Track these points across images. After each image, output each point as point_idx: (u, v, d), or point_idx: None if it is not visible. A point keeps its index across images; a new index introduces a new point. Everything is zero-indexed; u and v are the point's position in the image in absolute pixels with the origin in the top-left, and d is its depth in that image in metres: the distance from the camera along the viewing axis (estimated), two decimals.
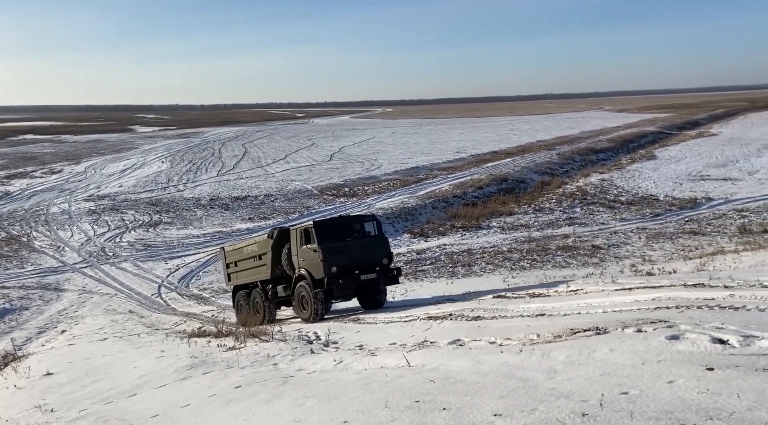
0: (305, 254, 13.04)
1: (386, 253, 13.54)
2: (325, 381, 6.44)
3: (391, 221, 26.72)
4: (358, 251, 13.07)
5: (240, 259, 15.35)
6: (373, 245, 13.41)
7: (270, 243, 14.02)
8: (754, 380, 3.95)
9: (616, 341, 5.81)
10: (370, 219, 14.01)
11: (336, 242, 12.92)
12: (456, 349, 7.25)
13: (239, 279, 15.53)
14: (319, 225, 13.25)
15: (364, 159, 49.19)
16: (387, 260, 13.40)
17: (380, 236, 13.73)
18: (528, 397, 4.42)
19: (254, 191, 36.37)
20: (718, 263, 11.53)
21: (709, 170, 35.21)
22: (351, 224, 13.85)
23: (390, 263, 13.52)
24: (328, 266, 12.57)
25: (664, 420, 3.45)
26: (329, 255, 12.61)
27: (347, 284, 12.71)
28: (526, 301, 10.33)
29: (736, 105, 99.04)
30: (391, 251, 13.99)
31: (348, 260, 12.80)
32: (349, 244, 13.06)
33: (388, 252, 13.65)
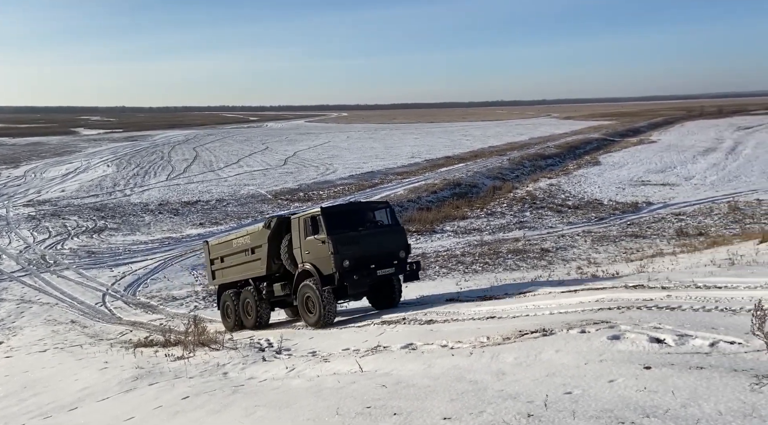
0: (311, 247, 11.43)
1: (404, 245, 11.99)
2: (276, 389, 6.36)
3: None
4: (373, 242, 11.50)
5: (228, 254, 13.78)
6: (390, 235, 11.87)
7: (266, 234, 12.37)
8: (688, 378, 4.15)
9: (562, 342, 5.99)
10: (383, 207, 12.44)
11: (348, 232, 11.28)
12: (408, 353, 7.31)
13: (226, 277, 13.97)
14: (328, 212, 11.52)
15: (319, 163, 48.94)
16: (404, 253, 11.86)
17: (396, 226, 12.21)
18: (477, 399, 4.50)
19: (206, 195, 35.58)
20: (657, 264, 12.06)
21: (649, 175, 36.80)
22: (363, 211, 12.30)
23: (407, 256, 11.98)
24: (339, 260, 10.94)
25: (604, 418, 3.59)
26: (341, 247, 10.99)
27: (362, 280, 11.14)
28: (477, 304, 10.52)
29: (674, 114, 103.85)
30: (409, 242, 12.48)
31: (362, 253, 11.19)
32: (363, 234, 11.45)
33: (406, 244, 12.12)
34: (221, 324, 13.86)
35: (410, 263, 11.99)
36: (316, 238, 11.26)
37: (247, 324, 13.05)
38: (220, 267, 14.13)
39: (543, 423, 3.69)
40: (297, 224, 11.85)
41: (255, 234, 12.86)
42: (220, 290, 14.26)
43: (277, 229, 12.31)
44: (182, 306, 17.35)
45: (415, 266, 12.01)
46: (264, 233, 12.48)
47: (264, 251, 12.42)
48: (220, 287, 14.34)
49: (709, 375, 4.09)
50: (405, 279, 12.05)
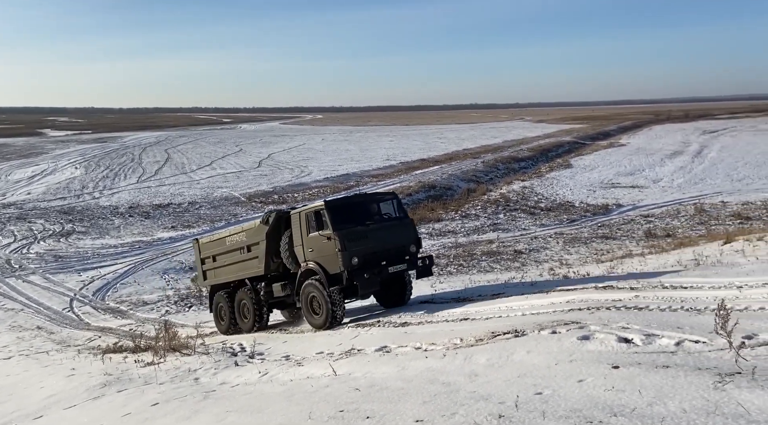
0: (315, 243, 10.71)
1: (414, 238, 11.28)
2: (248, 394, 6.30)
3: None
4: (382, 237, 10.77)
5: (221, 252, 12.95)
6: (399, 229, 11.15)
7: (264, 230, 11.58)
8: (654, 376, 4.24)
9: (533, 343, 6.06)
10: (390, 198, 11.63)
11: (355, 227, 10.58)
12: (382, 356, 7.31)
13: (219, 277, 13.14)
14: (333, 206, 10.75)
15: (293, 166, 48.64)
16: (415, 247, 11.20)
17: (405, 218, 11.48)
18: (449, 401, 4.52)
19: (177, 198, 35.03)
20: (626, 265, 12.31)
21: (619, 178, 37.56)
22: (370, 203, 11.46)
23: (418, 250, 11.32)
24: (348, 258, 10.25)
25: (573, 418, 3.64)
26: (349, 243, 10.30)
27: (373, 278, 10.42)
28: (451, 305, 10.58)
29: (643, 118, 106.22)
30: (419, 236, 11.74)
31: (372, 249, 10.54)
32: (372, 229, 10.73)
33: (417, 238, 11.40)
34: (189, 328, 13.56)
35: (422, 257, 11.30)
36: (321, 234, 10.51)
37: (244, 327, 12.35)
38: (212, 267, 13.33)
39: (513, 423, 3.73)
40: (298, 219, 11.08)
41: (251, 231, 12.09)
42: (213, 291, 13.50)
43: (275, 225, 11.53)
44: (153, 311, 17.03)
45: (427, 261, 11.31)
46: (261, 230, 11.69)
47: (262, 249, 11.65)
48: (212, 288, 13.59)
49: (675, 373, 4.18)
50: (418, 275, 11.36)
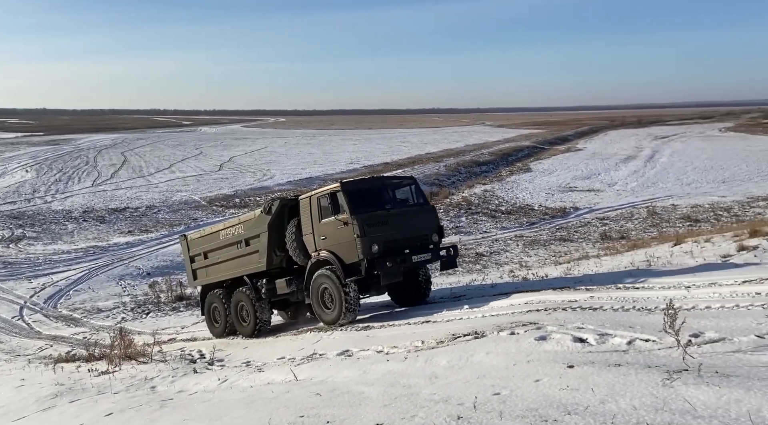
0: (329, 230, 9.78)
1: (436, 227, 10.42)
2: (207, 401, 6.18)
3: None
4: (403, 223, 9.92)
5: (214, 248, 11.93)
6: (421, 215, 10.30)
7: (266, 221, 10.59)
8: (607, 375, 4.37)
9: (492, 344, 6.16)
10: (409, 182, 10.70)
11: (375, 211, 9.74)
12: (344, 360, 7.30)
13: (212, 276, 12.13)
14: (350, 188, 9.80)
15: (256, 169, 48.05)
16: (437, 236, 10.35)
17: (426, 205, 10.65)
18: (410, 404, 4.55)
19: (135, 202, 34.11)
20: (582, 267, 12.65)
21: (576, 181, 38.56)
22: (389, 187, 10.47)
23: (440, 239, 10.46)
24: (367, 244, 9.33)
25: (529, 417, 3.72)
26: (368, 228, 9.39)
27: (396, 268, 9.52)
28: (414, 308, 10.64)
29: (599, 123, 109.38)
30: (442, 224, 10.84)
31: (393, 236, 9.65)
32: (392, 214, 9.90)
33: (439, 226, 10.55)
34: (146, 335, 13.11)
35: (445, 247, 10.35)
36: (338, 219, 9.56)
37: (244, 330, 11.40)
38: (203, 265, 12.29)
39: (472, 424, 3.78)
40: (308, 204, 10.16)
41: (250, 222, 11.10)
42: (205, 291, 12.49)
43: (279, 214, 10.54)
44: (108, 318, 16.51)
45: (452, 251, 10.36)
46: (263, 220, 10.70)
47: (263, 242, 10.65)
48: (204, 289, 12.57)
49: (626, 371, 4.32)
50: (442, 266, 10.58)
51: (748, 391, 3.51)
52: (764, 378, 3.78)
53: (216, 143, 76.55)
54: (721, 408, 3.35)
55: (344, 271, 9.52)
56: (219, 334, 11.99)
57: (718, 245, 11.61)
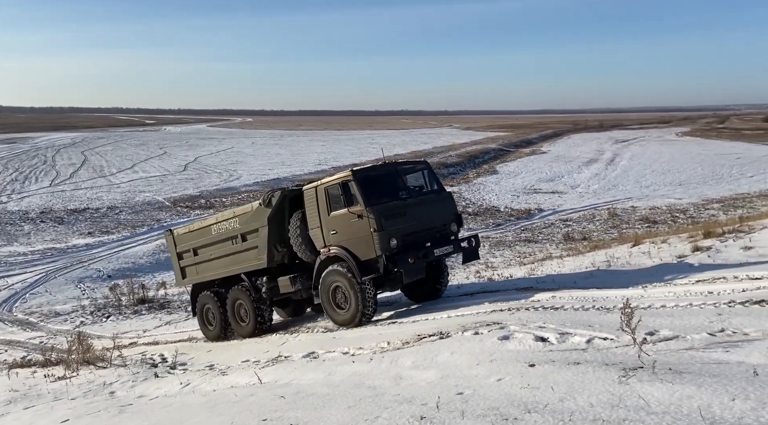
0: (340, 224, 8.97)
1: (455, 215, 9.64)
2: (168, 406, 6.06)
3: None
4: (421, 213, 9.11)
5: (205, 244, 11.08)
6: (438, 204, 9.48)
7: (266, 214, 9.77)
8: (566, 373, 4.46)
9: (457, 344, 6.22)
10: (422, 167, 9.83)
11: (391, 202, 8.91)
12: (310, 362, 7.26)
13: (204, 274, 11.30)
14: (363, 176, 8.95)
15: (222, 170, 47.38)
16: (456, 225, 9.58)
17: (442, 191, 9.79)
18: (374, 405, 4.56)
19: (95, 202, 33.20)
20: (545, 267, 12.90)
21: (541, 184, 39.32)
22: (402, 174, 9.53)
23: (459, 229, 9.69)
24: (385, 239, 8.55)
25: (491, 416, 3.77)
26: (386, 222, 8.61)
27: (419, 263, 8.80)
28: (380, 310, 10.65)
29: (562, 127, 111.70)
30: (460, 212, 9.85)
31: (411, 228, 8.90)
32: (409, 204, 9.06)
33: (458, 214, 9.76)
34: (106, 339, 12.65)
35: (466, 238, 9.65)
36: (351, 211, 8.75)
37: (242, 331, 10.63)
38: (192, 262, 11.47)
39: (434, 424, 3.81)
40: (314, 196, 9.31)
41: (247, 215, 10.23)
42: (196, 291, 11.68)
43: (280, 206, 9.73)
44: (66, 322, 16.04)
45: (473, 241, 9.62)
46: (262, 213, 9.87)
47: (262, 237, 9.85)
48: (194, 288, 11.75)
49: (585, 369, 4.42)
50: (465, 258, 9.72)
51: (699, 387, 3.64)
52: (715, 374, 3.92)
53: (181, 143, 75.14)
54: (673, 404, 3.47)
55: (360, 268, 8.73)
56: (215, 337, 11.17)
57: (674, 246, 12.00)
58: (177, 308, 16.76)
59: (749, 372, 3.84)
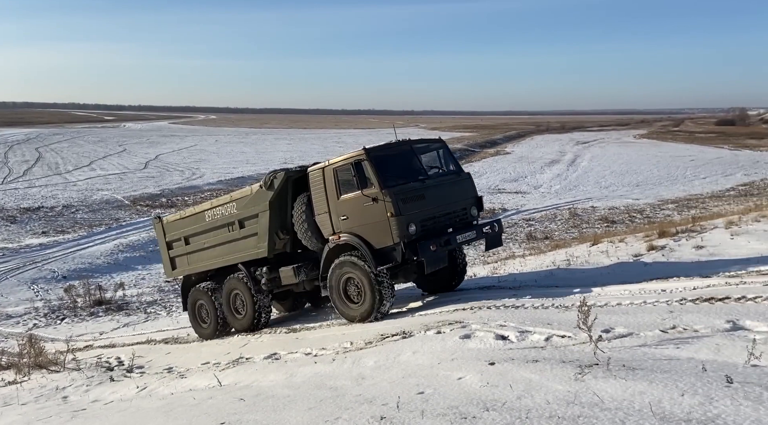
0: (352, 208, 8.22)
1: (475, 199, 8.86)
2: (123, 410, 5.89)
3: None
4: (441, 196, 8.37)
5: (198, 232, 10.33)
6: (458, 186, 8.71)
7: (267, 197, 9.02)
8: (525, 371, 4.53)
9: (419, 343, 6.25)
10: (438, 146, 9.02)
11: (408, 183, 8.15)
12: (271, 363, 7.18)
13: (197, 264, 10.54)
14: (378, 155, 8.19)
15: (184, 168, 46.45)
16: (476, 209, 8.83)
17: (461, 172, 9.03)
18: (335, 406, 4.53)
19: (50, 201, 32.07)
20: (508, 266, 13.09)
21: (505, 184, 39.92)
22: (418, 153, 8.68)
23: (479, 214, 8.94)
24: (404, 225, 7.81)
25: (450, 415, 3.79)
26: (404, 205, 7.87)
27: (441, 251, 8.05)
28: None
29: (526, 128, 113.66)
30: (480, 195, 9.11)
31: (432, 213, 8.18)
32: (428, 185, 8.28)
33: (479, 197, 8.95)
34: (60, 342, 12.18)
35: (488, 223, 8.92)
36: (365, 194, 7.97)
37: (238, 325, 9.95)
38: (184, 252, 10.69)
39: (394, 424, 3.81)
40: (321, 178, 8.53)
41: (246, 200, 9.45)
42: (187, 284, 10.95)
43: (282, 189, 8.96)
44: (19, 325, 15.47)
45: (496, 226, 8.90)
46: (262, 197, 9.08)
47: (263, 223, 9.09)
48: (185, 281, 11.07)
49: (542, 367, 4.49)
50: (488, 245, 8.95)
51: (651, 383, 3.73)
52: (666, 370, 4.04)
53: (141, 140, 73.35)
54: (626, 400, 3.55)
55: (375, 258, 7.96)
56: (209, 335, 10.45)
57: (631, 245, 12.34)
58: (136, 310, 16.35)
59: (698, 367, 3.97)
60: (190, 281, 11.02)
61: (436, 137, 9.38)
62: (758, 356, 4.03)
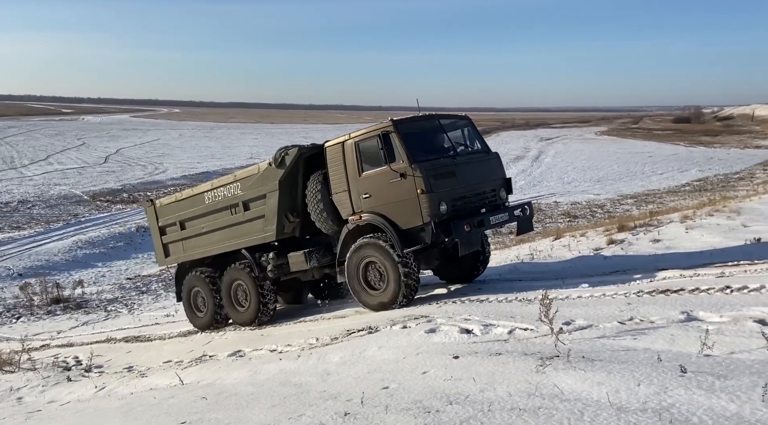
0: (375, 185, 7.63)
1: (504, 180, 8.35)
2: (80, 411, 5.73)
3: None
4: (471, 174, 7.86)
5: (196, 215, 9.65)
6: (487, 165, 8.21)
7: (278, 176, 8.34)
8: (488, 364, 4.58)
9: (385, 338, 6.25)
10: (465, 123, 8.43)
11: (439, 159, 7.63)
12: (235, 361, 7.09)
13: (194, 250, 9.83)
14: (407, 127, 7.65)
15: (147, 162, 45.37)
16: (505, 191, 8.31)
17: (489, 151, 8.48)
18: (299, 403, 4.50)
19: (4, 196, 30.92)
20: None
21: None
22: (445, 128, 8.06)
23: (508, 196, 8.40)
24: (435, 202, 7.25)
25: (413, 409, 3.81)
26: (435, 182, 7.32)
27: (475, 233, 7.52)
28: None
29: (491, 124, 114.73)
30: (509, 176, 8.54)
31: (462, 192, 7.64)
32: (458, 162, 7.74)
33: (507, 179, 8.43)
34: (15, 342, 11.79)
35: (519, 206, 8.31)
36: (393, 169, 7.37)
37: (240, 318, 9.29)
38: (179, 237, 9.99)
39: (358, 420, 3.80)
40: (340, 153, 7.91)
41: (252, 180, 8.74)
42: (182, 272, 10.28)
43: (294, 168, 8.26)
44: None
45: (527, 209, 8.31)
46: (272, 176, 8.40)
47: (272, 205, 8.41)
48: (180, 269, 10.38)
49: (505, 360, 4.56)
50: (520, 230, 8.43)
51: (609, 374, 3.82)
52: (623, 361, 4.14)
53: (101, 134, 71.26)
54: (585, 391, 3.63)
55: (401, 239, 7.35)
56: (205, 325, 9.82)
57: (592, 239, 12.63)
58: (96, 308, 15.91)
59: (654, 358, 4.08)
60: (185, 270, 10.32)
61: (462, 114, 8.70)
62: (711, 346, 4.16)
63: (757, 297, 5.53)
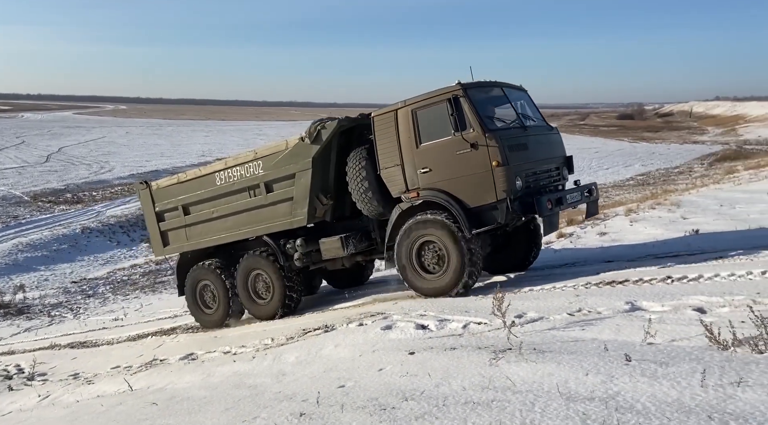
0: (437, 158, 6.79)
1: (565, 158, 7.70)
2: (22, 422, 5.47)
3: (125, 230, 24.49)
4: (540, 148, 7.16)
5: (203, 198, 8.61)
6: (552, 140, 7.54)
7: (311, 153, 7.44)
8: (443, 359, 4.63)
9: (341, 336, 6.24)
10: (525, 94, 7.71)
11: (512, 129, 6.87)
12: (188, 364, 6.93)
13: (201, 238, 8.77)
14: (478, 92, 6.86)
15: (91, 161, 43.65)
16: (567, 170, 7.70)
17: (548, 125, 7.78)
18: (253, 405, 4.43)
19: None
20: None
21: None
22: (507, 97, 7.29)
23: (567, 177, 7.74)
24: (512, 177, 6.48)
25: (369, 407, 3.81)
26: (510, 153, 6.52)
27: (556, 212, 6.87)
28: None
29: None
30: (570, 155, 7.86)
31: (533, 168, 6.91)
32: (529, 134, 6.99)
33: (567, 156, 7.77)
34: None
35: (585, 186, 7.63)
36: (465, 137, 6.50)
37: (260, 311, 8.34)
38: (181, 224, 8.92)
39: (314, 420, 3.78)
40: (392, 122, 7.02)
41: (278, 157, 7.76)
42: (184, 263, 9.22)
43: (328, 143, 7.42)
44: None
45: (594, 190, 7.64)
46: (304, 152, 7.47)
47: (303, 185, 7.49)
48: (182, 260, 9.32)
49: (460, 354, 4.62)
50: (588, 212, 7.77)
51: (558, 365, 3.93)
52: (572, 351, 4.27)
53: (42, 132, 67.98)
54: (536, 382, 3.72)
55: (468, 218, 6.54)
56: (217, 323, 8.85)
57: None
58: (38, 314, 15.22)
59: (601, 347, 4.22)
60: (187, 260, 9.29)
61: (518, 84, 7.84)
62: (653, 334, 4.34)
63: (695, 287, 5.81)
